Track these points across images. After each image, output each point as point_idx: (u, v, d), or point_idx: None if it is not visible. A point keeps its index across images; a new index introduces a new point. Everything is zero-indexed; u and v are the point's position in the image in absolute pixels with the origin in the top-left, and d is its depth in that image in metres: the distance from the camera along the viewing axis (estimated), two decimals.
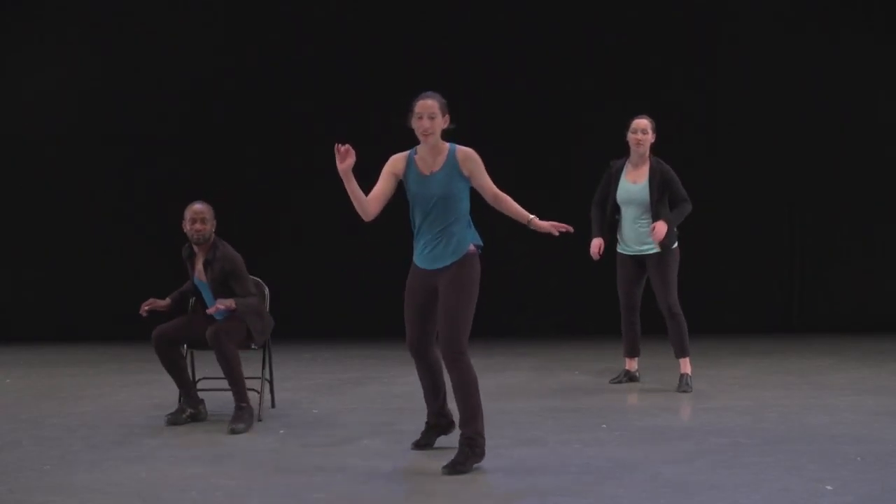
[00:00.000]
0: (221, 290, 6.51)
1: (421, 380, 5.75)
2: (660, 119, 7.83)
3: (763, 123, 11.42)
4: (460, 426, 5.41)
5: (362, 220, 5.50)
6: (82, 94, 11.16)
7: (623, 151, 7.78)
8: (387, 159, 5.56)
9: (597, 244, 7.77)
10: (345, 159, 5.23)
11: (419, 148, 5.47)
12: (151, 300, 6.65)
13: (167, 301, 6.76)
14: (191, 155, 11.09)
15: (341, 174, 5.26)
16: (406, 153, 5.51)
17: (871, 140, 11.48)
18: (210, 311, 6.45)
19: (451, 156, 5.39)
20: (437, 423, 5.80)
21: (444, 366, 5.48)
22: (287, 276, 10.19)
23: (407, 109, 5.40)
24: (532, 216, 5.41)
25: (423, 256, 5.45)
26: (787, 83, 11.34)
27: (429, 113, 5.33)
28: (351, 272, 11.07)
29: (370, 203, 5.42)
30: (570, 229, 5.40)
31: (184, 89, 11.14)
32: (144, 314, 6.61)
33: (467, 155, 5.40)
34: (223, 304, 6.37)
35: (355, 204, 5.39)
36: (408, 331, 5.60)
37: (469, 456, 5.31)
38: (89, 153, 11.15)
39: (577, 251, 10.97)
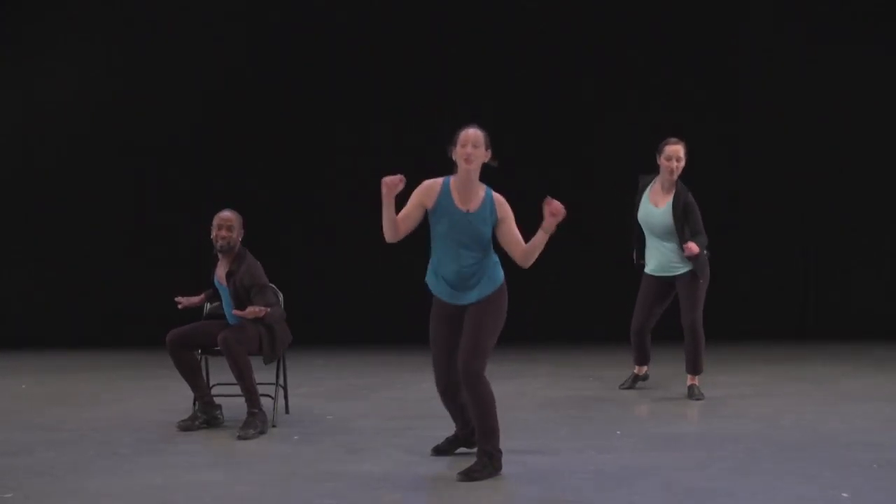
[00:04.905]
0: (242, 301, 6.51)
1: (450, 413, 5.79)
2: (675, 129, 7.81)
3: (778, 130, 11.39)
4: (478, 441, 5.43)
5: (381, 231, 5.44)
6: (97, 101, 11.19)
7: (649, 167, 7.72)
8: (398, 163, 5.54)
9: None
10: (396, 184, 5.21)
11: (454, 180, 5.42)
12: (186, 298, 6.69)
13: (201, 297, 6.80)
14: (206, 161, 11.10)
15: (385, 189, 5.19)
16: (440, 181, 5.44)
17: (885, 147, 11.45)
18: (236, 313, 6.42)
19: (489, 198, 5.41)
20: (465, 438, 5.81)
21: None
22: (301, 281, 10.20)
23: (448, 141, 5.41)
24: (542, 227, 5.29)
25: (451, 292, 5.42)
26: (801, 93, 11.31)
27: (473, 142, 5.36)
28: (365, 278, 11.07)
29: (399, 224, 5.33)
30: (559, 210, 5.22)
31: (200, 96, 11.16)
32: (180, 307, 6.68)
33: (503, 201, 5.45)
34: (252, 313, 6.33)
35: (386, 222, 5.30)
36: (435, 372, 5.60)
37: (486, 465, 5.33)
38: (105, 159, 11.17)
39: (591, 257, 11.04)
